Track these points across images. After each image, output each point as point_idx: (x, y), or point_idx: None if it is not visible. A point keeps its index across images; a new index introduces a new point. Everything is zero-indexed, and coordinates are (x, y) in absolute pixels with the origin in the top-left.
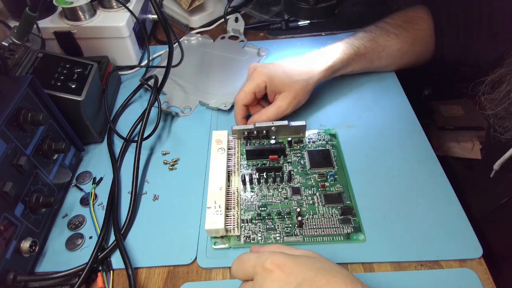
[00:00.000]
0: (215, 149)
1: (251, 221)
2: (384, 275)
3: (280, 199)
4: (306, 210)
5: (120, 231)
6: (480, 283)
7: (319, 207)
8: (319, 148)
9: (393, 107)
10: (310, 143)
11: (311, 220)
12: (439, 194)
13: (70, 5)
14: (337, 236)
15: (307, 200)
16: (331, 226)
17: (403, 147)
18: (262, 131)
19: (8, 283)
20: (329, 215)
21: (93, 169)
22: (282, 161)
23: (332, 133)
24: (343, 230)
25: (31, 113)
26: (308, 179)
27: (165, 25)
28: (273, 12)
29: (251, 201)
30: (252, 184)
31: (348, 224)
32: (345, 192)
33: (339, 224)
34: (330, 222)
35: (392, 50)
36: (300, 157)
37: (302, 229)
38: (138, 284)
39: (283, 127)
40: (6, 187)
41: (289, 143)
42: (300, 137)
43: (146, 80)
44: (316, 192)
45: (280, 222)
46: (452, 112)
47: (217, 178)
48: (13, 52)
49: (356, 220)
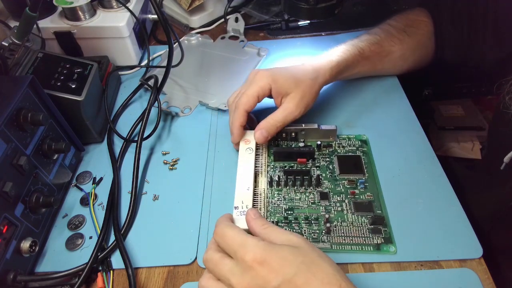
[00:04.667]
0: (243, 149)
1: (277, 224)
2: (384, 275)
3: (308, 203)
4: (334, 217)
5: (120, 231)
6: (480, 283)
7: (348, 215)
8: (349, 153)
9: (393, 107)
10: (340, 147)
11: (340, 228)
12: (439, 194)
13: (70, 5)
14: (366, 246)
15: (336, 206)
16: (360, 235)
17: (403, 147)
18: (291, 133)
19: (8, 283)
20: (358, 224)
21: (93, 169)
22: (310, 164)
23: (363, 139)
24: (373, 240)
25: (31, 113)
26: (337, 185)
27: (165, 25)
28: (273, 12)
29: (278, 203)
30: (279, 186)
31: (379, 234)
32: (375, 201)
33: (368, 233)
34: (359, 231)
35: (395, 56)
36: (329, 162)
37: (330, 236)
38: (138, 284)
39: (312, 130)
40: (6, 187)
41: (318, 147)
42: (329, 141)
43: (146, 80)
44: (345, 199)
45: (308, 227)
46: (452, 112)
47: (244, 178)
48: (13, 52)
49: (386, 231)
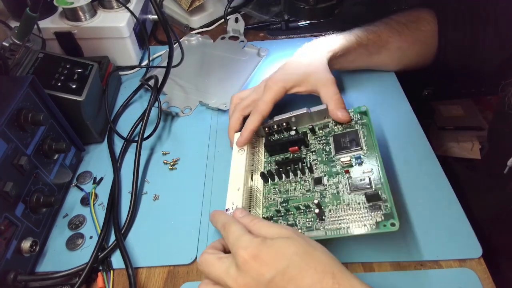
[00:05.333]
0: (236, 150)
1: (272, 218)
2: (384, 275)
3: (303, 192)
4: (329, 201)
5: (120, 231)
6: (480, 283)
7: (344, 196)
8: (347, 130)
9: (393, 107)
10: (337, 126)
11: (335, 212)
12: (439, 194)
13: (71, 5)
14: (364, 227)
15: (331, 189)
16: (357, 216)
17: (403, 147)
18: (282, 123)
19: (8, 283)
20: (355, 204)
21: (93, 169)
22: (305, 151)
23: (362, 111)
24: (371, 219)
25: (31, 113)
26: (333, 167)
27: (165, 25)
28: (273, 12)
29: (273, 197)
30: (274, 180)
31: (378, 211)
32: (374, 175)
33: (366, 213)
34: (356, 212)
35: (393, 47)
36: (326, 143)
37: (324, 222)
38: (138, 284)
39: (303, 115)
40: (7, 187)
41: (312, 131)
42: (326, 122)
43: (147, 80)
44: (342, 180)
45: (302, 216)
46: (452, 112)
47: (236, 180)
48: (14, 52)
49: (387, 206)
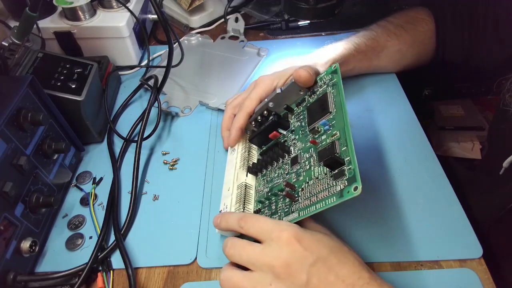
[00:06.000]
0: (229, 152)
1: (260, 211)
2: (384, 275)
3: (284, 176)
4: (303, 179)
5: (120, 231)
6: (480, 283)
7: (314, 170)
8: (319, 97)
9: (393, 107)
10: (312, 96)
11: (307, 189)
12: (439, 194)
13: (70, 5)
14: (329, 199)
15: (305, 166)
16: (324, 188)
17: (403, 147)
18: (262, 113)
19: (8, 283)
20: (323, 176)
21: (93, 169)
22: (287, 134)
23: (332, 70)
24: (336, 188)
25: (31, 113)
26: (306, 141)
27: (165, 25)
28: (273, 12)
29: (262, 189)
30: (262, 171)
31: (342, 177)
32: (341, 138)
33: (332, 182)
34: (324, 184)
35: (391, 51)
36: (303, 118)
37: (298, 203)
38: (138, 284)
39: (277, 97)
40: (6, 187)
41: (290, 110)
42: (302, 97)
43: (146, 80)
44: (314, 153)
45: (281, 202)
46: (452, 112)
47: (228, 180)
48: (13, 52)
49: (351, 169)
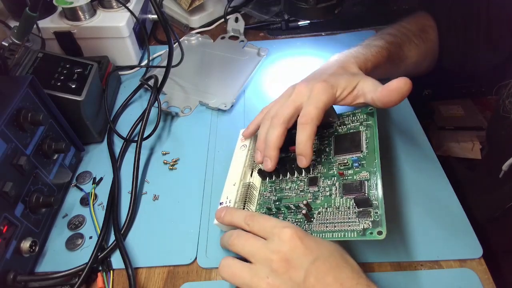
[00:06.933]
0: (239, 146)
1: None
2: (384, 275)
3: (296, 192)
4: (320, 203)
5: (120, 231)
6: (480, 283)
7: (335, 199)
8: (350, 131)
9: (393, 107)
10: (342, 127)
11: (324, 214)
12: (439, 194)
13: (70, 5)
14: (350, 232)
15: (324, 191)
16: (345, 220)
17: (403, 147)
18: None
19: (8, 283)
20: (345, 208)
21: (93, 169)
22: None
23: (369, 112)
24: (359, 226)
25: (31, 113)
26: (330, 168)
27: (165, 25)
28: (273, 12)
29: (268, 195)
30: (271, 178)
31: (367, 218)
32: (370, 181)
33: (355, 218)
34: (345, 216)
35: (409, 63)
36: (327, 144)
37: (312, 224)
38: (138, 284)
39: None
40: (6, 187)
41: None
42: (330, 122)
43: (146, 80)
44: (336, 182)
45: (291, 216)
46: (452, 112)
47: (233, 175)
48: (13, 52)
49: (377, 213)
